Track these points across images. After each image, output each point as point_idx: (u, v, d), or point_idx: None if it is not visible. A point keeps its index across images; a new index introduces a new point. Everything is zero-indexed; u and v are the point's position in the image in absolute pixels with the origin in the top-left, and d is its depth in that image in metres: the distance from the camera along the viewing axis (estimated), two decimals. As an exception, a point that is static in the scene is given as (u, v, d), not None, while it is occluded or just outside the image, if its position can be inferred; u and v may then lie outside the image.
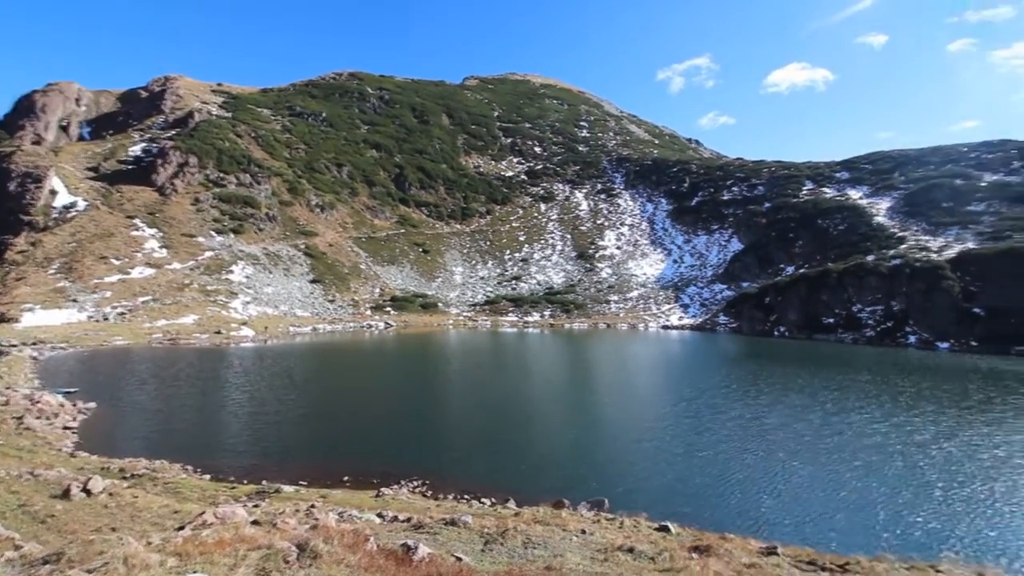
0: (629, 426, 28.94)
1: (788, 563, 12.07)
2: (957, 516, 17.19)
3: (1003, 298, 60.65)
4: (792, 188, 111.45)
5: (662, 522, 14.85)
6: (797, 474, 21.18)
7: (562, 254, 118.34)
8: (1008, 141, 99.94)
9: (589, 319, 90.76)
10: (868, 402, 32.65)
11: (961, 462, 21.91)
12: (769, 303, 79.29)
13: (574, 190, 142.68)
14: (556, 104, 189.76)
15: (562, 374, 48.34)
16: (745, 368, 48.79)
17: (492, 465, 22.82)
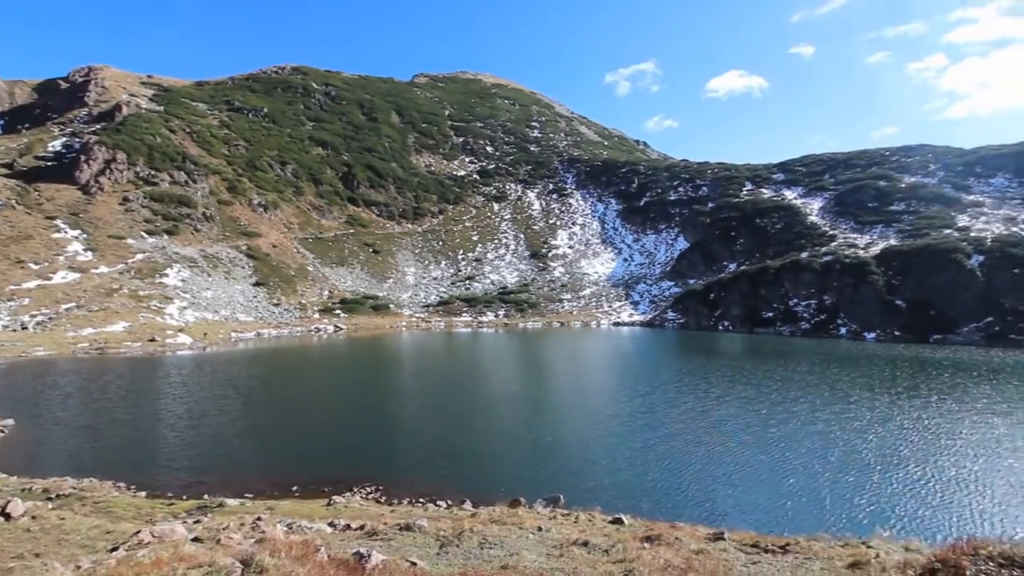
0: (584, 423, 29.39)
1: (734, 547, 12.57)
2: (893, 496, 18.39)
3: (921, 291, 65.90)
4: (733, 189, 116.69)
5: (616, 515, 15.16)
6: (746, 463, 22.09)
7: (515, 253, 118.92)
8: (924, 146, 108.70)
9: (543, 318, 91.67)
10: (809, 392, 34.54)
11: (895, 445, 23.47)
12: (713, 299, 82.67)
13: (526, 190, 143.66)
14: (507, 104, 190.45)
15: (517, 373, 48.53)
16: (694, 362, 50.61)
17: (448, 467, 22.61)
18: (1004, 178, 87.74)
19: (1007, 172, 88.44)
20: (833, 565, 10.30)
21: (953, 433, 25.05)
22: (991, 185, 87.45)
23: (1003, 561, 6.01)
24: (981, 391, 33.81)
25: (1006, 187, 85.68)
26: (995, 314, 60.05)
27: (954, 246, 67.59)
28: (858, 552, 11.23)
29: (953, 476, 19.86)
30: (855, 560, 10.36)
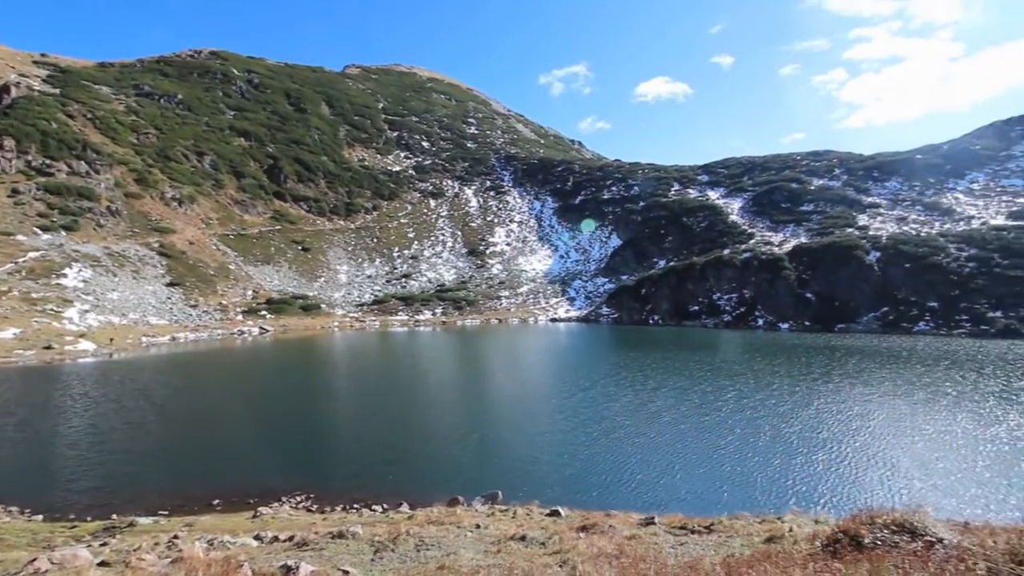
0: (524, 419, 29.63)
1: (663, 530, 13.13)
2: (809, 474, 19.84)
3: (828, 284, 72.00)
4: (662, 189, 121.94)
5: (553, 507, 15.39)
6: (679, 450, 23.06)
7: (453, 251, 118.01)
8: (830, 151, 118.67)
9: (481, 315, 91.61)
10: (736, 380, 36.62)
11: (814, 428, 25.31)
12: (645, 294, 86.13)
13: (464, 187, 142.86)
14: (444, 99, 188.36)
15: (456, 372, 48.19)
16: (630, 356, 52.33)
17: (384, 470, 22.04)
18: (897, 182, 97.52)
19: (900, 176, 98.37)
20: (752, 541, 10.99)
21: (862, 415, 27.41)
22: (886, 188, 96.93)
23: (895, 528, 6.63)
24: (884, 375, 37.45)
25: (899, 190, 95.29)
26: (890, 305, 66.69)
27: (855, 243, 74.38)
28: (774, 527, 12.06)
29: (862, 453, 21.78)
30: (771, 535, 11.10)
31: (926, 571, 3.67)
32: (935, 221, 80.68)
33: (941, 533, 6.43)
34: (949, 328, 60.43)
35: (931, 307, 64.01)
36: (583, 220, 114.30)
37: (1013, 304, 59.66)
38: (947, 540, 6.17)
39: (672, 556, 9.88)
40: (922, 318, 63.51)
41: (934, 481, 18.70)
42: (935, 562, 4.34)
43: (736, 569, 5.38)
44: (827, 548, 6.63)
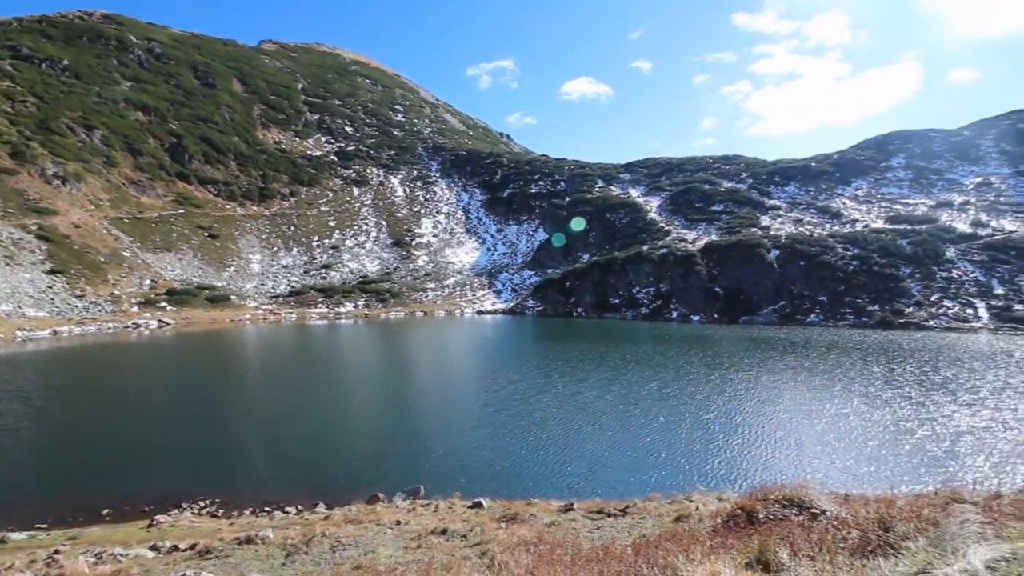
0: (448, 412, 29.38)
1: (582, 515, 13.57)
2: (720, 456, 21.22)
3: (734, 279, 77.69)
4: (587, 185, 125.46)
5: (476, 499, 15.42)
6: (602, 438, 23.82)
7: (377, 241, 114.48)
8: (739, 156, 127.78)
9: (406, 307, 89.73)
10: (658, 370, 38.47)
11: (727, 412, 27.04)
12: (569, 287, 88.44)
13: (389, 175, 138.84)
14: (369, 83, 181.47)
15: (378, 366, 46.88)
16: (557, 348, 53.22)
17: (299, 470, 20.99)
18: (795, 187, 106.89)
19: (797, 182, 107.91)
20: (662, 521, 11.61)
21: (768, 400, 29.80)
22: (786, 192, 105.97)
23: (786, 502, 7.24)
24: (785, 363, 40.99)
25: (796, 194, 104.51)
26: (787, 299, 73.16)
27: (758, 242, 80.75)
28: (683, 507, 12.82)
29: (766, 435, 23.66)
30: (680, 514, 11.80)
31: (809, 540, 4.01)
32: (826, 223, 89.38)
33: (824, 505, 7.10)
34: (835, 320, 67.37)
35: (821, 301, 70.98)
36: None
37: (888, 299, 67.59)
38: (829, 511, 6.82)
39: (588, 540, 10.20)
40: (813, 311, 70.29)
41: (830, 458, 20.69)
42: (817, 531, 4.76)
43: (644, 549, 5.62)
44: (726, 524, 7.12)
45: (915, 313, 64.51)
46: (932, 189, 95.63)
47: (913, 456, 20.49)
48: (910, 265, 71.08)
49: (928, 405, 27.13)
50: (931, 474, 18.26)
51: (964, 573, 2.76)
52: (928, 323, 62.22)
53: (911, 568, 2.93)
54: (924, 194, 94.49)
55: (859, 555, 3.43)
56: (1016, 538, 3.46)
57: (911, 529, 3.78)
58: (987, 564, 2.88)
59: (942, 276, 68.73)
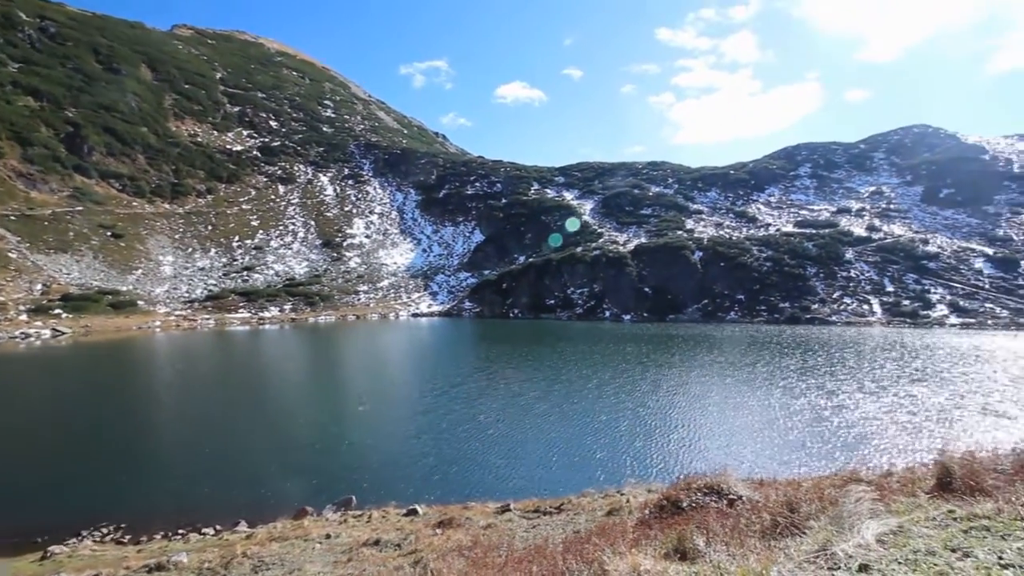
0: (383, 419, 28.51)
1: (519, 515, 13.62)
2: (654, 449, 21.91)
3: (662, 280, 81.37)
4: (523, 188, 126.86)
5: (411, 506, 15.08)
6: (544, 438, 23.82)
7: (305, 242, 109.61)
8: (665, 163, 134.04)
9: (337, 311, 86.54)
10: (597, 369, 39.19)
11: (661, 407, 28.02)
12: (506, 288, 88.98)
13: (318, 173, 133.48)
14: (296, 76, 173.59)
15: (308, 373, 44.76)
16: (497, 349, 53.11)
17: (218, 487, 19.56)
18: (716, 192, 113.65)
19: (718, 188, 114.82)
20: (595, 515, 11.88)
21: (700, 394, 31.30)
22: (708, 198, 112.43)
23: (707, 491, 7.61)
24: (712, 358, 43.33)
25: (717, 199, 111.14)
26: (709, 297, 77.56)
27: (684, 244, 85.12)
28: (615, 500, 13.20)
29: (696, 427, 24.75)
30: (612, 507, 12.13)
31: (725, 526, 4.21)
32: (743, 227, 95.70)
33: (741, 491, 7.52)
34: (752, 317, 72.26)
35: (739, 299, 75.89)
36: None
37: (796, 296, 73.39)
38: (745, 497, 7.24)
39: (523, 540, 10.24)
40: (732, 308, 75.01)
41: (755, 446, 21.95)
42: (733, 517, 5.01)
43: (574, 545, 5.69)
44: (654, 515, 7.39)
45: (820, 309, 70.51)
46: (834, 196, 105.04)
47: (827, 441, 22.26)
48: (815, 266, 77.65)
49: (839, 394, 29.61)
50: (843, 456, 19.88)
51: (858, 547, 2.98)
52: (831, 318, 68.20)
53: (813, 546, 3.13)
54: (827, 201, 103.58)
55: (769, 537, 3.64)
56: (903, 512, 3.80)
57: (814, 509, 4.06)
58: (878, 538, 3.13)
59: (842, 276, 75.63)
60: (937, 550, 2.75)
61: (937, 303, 67.34)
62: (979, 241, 79.60)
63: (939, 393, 29.01)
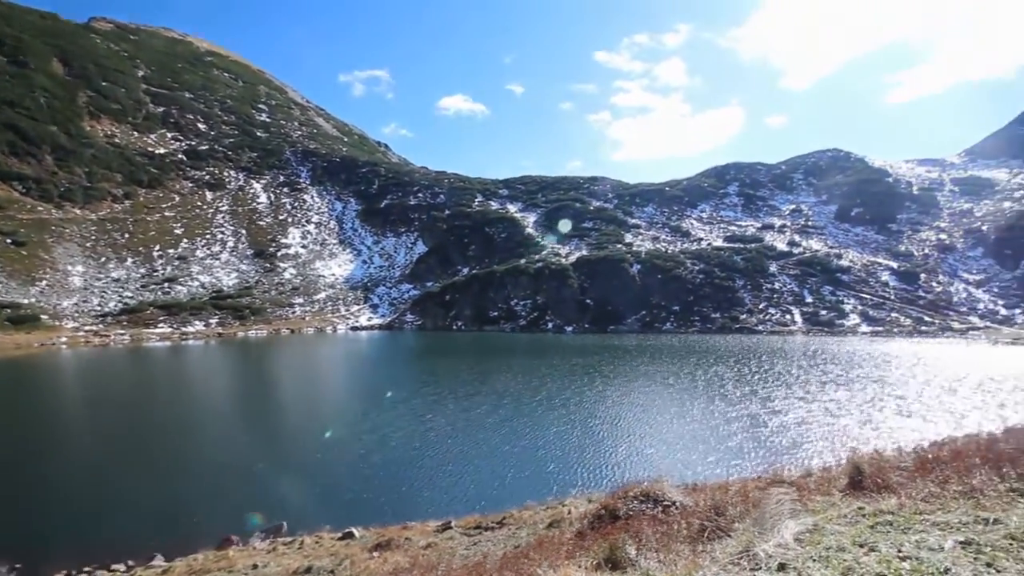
0: (319, 439, 27.18)
1: (460, 532, 13.36)
2: (598, 459, 22.07)
3: (603, 291, 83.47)
4: (467, 199, 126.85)
5: (347, 530, 14.46)
6: (489, 452, 23.34)
7: (235, 252, 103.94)
8: (605, 178, 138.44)
9: (270, 325, 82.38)
10: (545, 381, 39.14)
11: (608, 418, 28.29)
12: (449, 300, 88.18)
13: (251, 180, 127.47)
14: (228, 78, 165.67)
15: (237, 393, 42.09)
16: (442, 363, 52.10)
17: (130, 518, 17.86)
18: (653, 208, 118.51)
19: (655, 203, 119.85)
20: (536, 528, 11.83)
21: (644, 404, 31.93)
22: (645, 212, 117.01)
23: (643, 498, 7.75)
24: (654, 368, 44.56)
25: (654, 214, 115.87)
26: (647, 309, 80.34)
27: (623, 257, 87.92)
28: (556, 512, 13.21)
29: (639, 436, 25.19)
30: (553, 519, 12.13)
31: (657, 533, 4.28)
32: (678, 241, 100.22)
33: (675, 497, 7.71)
34: (686, 327, 75.49)
35: (674, 310, 79.12)
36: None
37: (727, 307, 77.45)
38: (679, 502, 7.42)
39: (463, 558, 10.02)
40: (669, 319, 78.06)
41: (698, 452, 22.54)
42: (666, 523, 5.11)
43: (513, 560, 5.61)
44: (592, 525, 7.43)
45: (748, 319, 74.76)
46: (759, 213, 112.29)
47: (763, 444, 23.30)
48: (743, 278, 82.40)
49: (772, 400, 31.23)
50: (774, 458, 20.81)
51: (778, 547, 3.09)
52: (757, 328, 72.45)
53: (737, 548, 3.22)
54: (753, 217, 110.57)
55: (697, 541, 3.72)
56: (819, 511, 4.00)
57: (740, 512, 4.20)
58: (796, 537, 3.27)
59: (767, 287, 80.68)
60: (847, 546, 2.90)
61: (850, 313, 73.19)
62: (885, 256, 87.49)
63: (857, 397, 31.32)
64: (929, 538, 2.80)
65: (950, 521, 3.07)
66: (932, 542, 2.73)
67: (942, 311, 71.22)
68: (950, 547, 2.64)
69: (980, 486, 3.83)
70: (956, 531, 2.87)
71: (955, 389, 32.29)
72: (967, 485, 3.90)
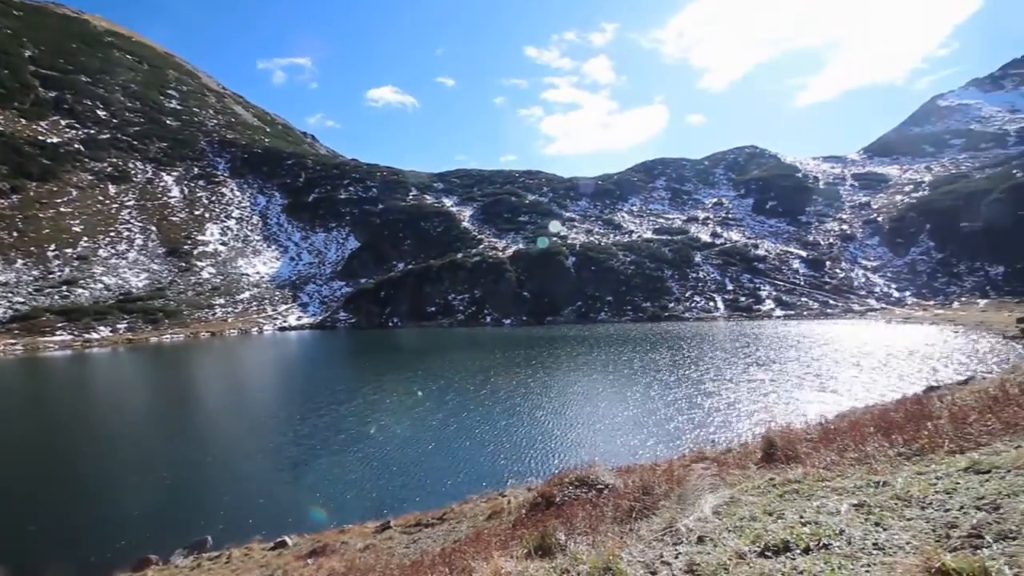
0: (247, 448, 25.63)
1: (399, 531, 13.13)
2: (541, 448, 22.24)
3: (539, 284, 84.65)
4: (401, 193, 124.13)
5: (280, 539, 13.82)
6: (432, 449, 22.89)
7: (145, 250, 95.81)
8: (540, 172, 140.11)
9: (187, 328, 76.75)
10: (490, 375, 38.70)
11: (551, 407, 28.56)
12: (384, 297, 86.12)
13: (161, 172, 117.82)
14: (132, 61, 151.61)
15: (147, 403, 38.81)
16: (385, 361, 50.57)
17: (33, 544, 16.12)
18: (586, 201, 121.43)
19: (588, 197, 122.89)
20: (477, 521, 11.85)
21: (584, 393, 32.56)
22: (579, 206, 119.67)
23: (578, 483, 7.93)
24: (595, 356, 45.77)
25: (588, 208, 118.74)
26: (582, 300, 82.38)
27: (559, 250, 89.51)
28: (496, 503, 13.28)
29: (580, 423, 25.70)
30: (493, 510, 12.19)
31: (589, 516, 4.39)
32: (610, 234, 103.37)
33: (608, 480, 7.96)
34: (619, 316, 78.19)
35: (608, 300, 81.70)
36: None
37: (656, 296, 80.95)
38: (611, 485, 7.67)
39: (402, 557, 9.86)
40: (603, 309, 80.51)
41: (637, 435, 23.33)
42: (600, 506, 5.26)
43: (450, 555, 5.57)
44: (529, 513, 7.53)
45: (676, 307, 78.57)
46: (684, 206, 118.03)
47: (700, 424, 24.48)
48: (671, 268, 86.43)
49: (704, 383, 32.88)
50: (708, 437, 21.92)
51: (698, 521, 3.25)
52: (684, 315, 76.33)
53: (661, 524, 3.36)
54: (679, 210, 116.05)
55: (625, 521, 3.85)
56: (736, 484, 4.24)
57: (665, 490, 4.38)
58: (714, 510, 3.45)
59: (693, 277, 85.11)
60: (758, 515, 3.10)
61: (766, 298, 78.75)
62: (796, 245, 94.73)
63: (778, 376, 33.71)
64: (828, 503, 3.05)
65: (847, 486, 3.36)
66: (831, 506, 2.98)
67: (844, 295, 78.24)
68: (845, 510, 2.89)
69: (873, 452, 4.22)
70: (851, 495, 3.15)
71: (860, 364, 35.55)
72: (862, 452, 4.28)
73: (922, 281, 78.10)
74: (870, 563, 2.34)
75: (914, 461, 3.82)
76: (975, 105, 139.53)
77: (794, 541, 2.61)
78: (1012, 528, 2.43)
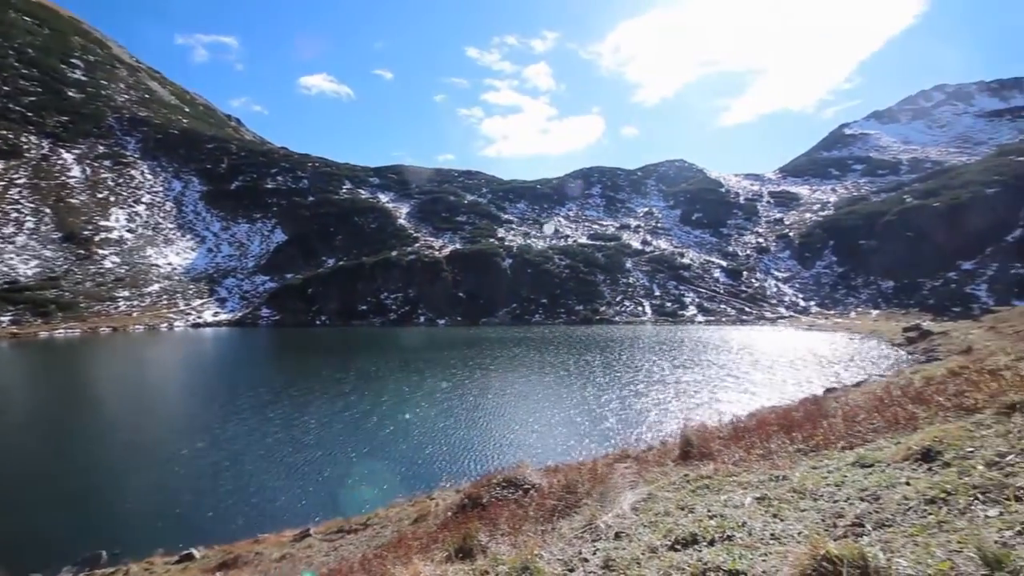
0: (151, 457, 23.50)
1: (320, 539, 12.61)
2: (471, 450, 22.03)
3: (475, 285, 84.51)
4: (333, 186, 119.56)
5: (186, 551, 12.87)
6: (365, 454, 22.07)
7: (36, 235, 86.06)
8: (480, 173, 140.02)
9: (84, 323, 69.62)
10: (425, 376, 37.94)
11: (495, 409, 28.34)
12: (312, 294, 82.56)
13: (59, 148, 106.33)
14: (29, 23, 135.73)
15: (29, 408, 34.76)
16: (310, 362, 48.17)
17: None
18: (524, 204, 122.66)
19: (526, 200, 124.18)
20: (402, 525, 11.59)
21: (521, 393, 32.60)
22: (517, 208, 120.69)
23: (506, 484, 7.97)
24: (531, 358, 46.07)
25: (525, 211, 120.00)
26: (517, 301, 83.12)
27: (496, 251, 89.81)
28: (424, 506, 13.07)
29: (511, 424, 25.66)
30: (420, 514, 11.98)
31: (513, 517, 4.41)
32: (547, 237, 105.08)
33: (535, 480, 8.05)
34: (553, 318, 79.65)
35: (543, 303, 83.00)
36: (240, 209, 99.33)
37: (589, 300, 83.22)
38: (538, 485, 7.77)
39: (321, 566, 9.46)
40: (537, 311, 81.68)
41: (572, 436, 23.60)
42: (525, 506, 5.30)
43: (370, 561, 5.40)
44: (456, 515, 7.46)
45: (607, 311, 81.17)
46: (618, 214, 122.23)
47: (629, 424, 25.25)
48: (603, 273, 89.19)
49: (636, 384, 34.03)
50: (635, 437, 22.70)
51: (616, 518, 3.34)
52: (615, 319, 79.02)
53: (582, 522, 3.43)
54: (613, 218, 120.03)
55: (548, 520, 3.90)
56: (654, 481, 4.41)
57: (588, 488, 4.48)
58: (633, 506, 3.56)
59: (623, 282, 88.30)
60: (672, 510, 3.25)
61: (689, 304, 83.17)
62: (717, 255, 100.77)
63: (701, 378, 35.60)
64: (734, 497, 3.25)
65: (751, 481, 3.59)
66: (736, 500, 3.18)
67: (759, 303, 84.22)
68: (748, 503, 3.10)
69: (776, 449, 4.55)
70: (755, 489, 3.38)
71: (773, 367, 38.37)
72: (767, 449, 4.60)
73: (825, 292, 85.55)
74: (767, 552, 2.52)
75: (811, 456, 4.16)
76: (875, 135, 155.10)
77: (701, 534, 2.76)
78: (888, 517, 2.70)
